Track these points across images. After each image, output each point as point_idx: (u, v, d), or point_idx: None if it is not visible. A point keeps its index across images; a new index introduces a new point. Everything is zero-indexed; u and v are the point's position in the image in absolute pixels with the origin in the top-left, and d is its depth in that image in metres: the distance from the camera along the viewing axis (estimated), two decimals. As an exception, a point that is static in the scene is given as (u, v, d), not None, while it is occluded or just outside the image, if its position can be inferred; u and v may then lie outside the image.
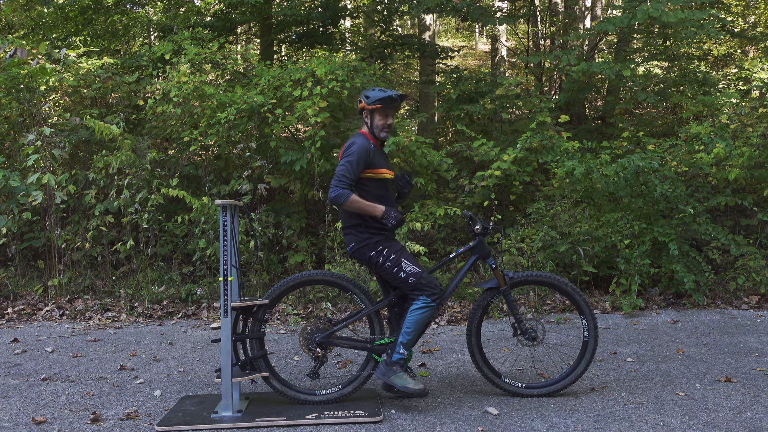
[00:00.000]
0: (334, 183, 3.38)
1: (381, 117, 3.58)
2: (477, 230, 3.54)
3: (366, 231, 3.48)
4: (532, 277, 3.68)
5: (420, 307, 3.40)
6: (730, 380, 3.86)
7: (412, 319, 3.40)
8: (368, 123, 3.59)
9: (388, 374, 3.41)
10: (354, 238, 3.51)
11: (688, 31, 7.52)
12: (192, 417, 3.31)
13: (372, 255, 3.47)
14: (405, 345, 3.43)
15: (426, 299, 3.41)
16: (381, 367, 3.45)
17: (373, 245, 3.47)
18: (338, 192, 3.36)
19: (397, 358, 3.43)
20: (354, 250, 3.51)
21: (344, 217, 3.55)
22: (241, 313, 3.52)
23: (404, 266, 3.43)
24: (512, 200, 7.05)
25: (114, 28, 10.05)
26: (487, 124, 8.36)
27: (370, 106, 3.55)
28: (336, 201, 3.38)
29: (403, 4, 9.77)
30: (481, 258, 3.64)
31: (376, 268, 3.50)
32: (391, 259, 3.44)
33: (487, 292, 3.64)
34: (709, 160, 6.34)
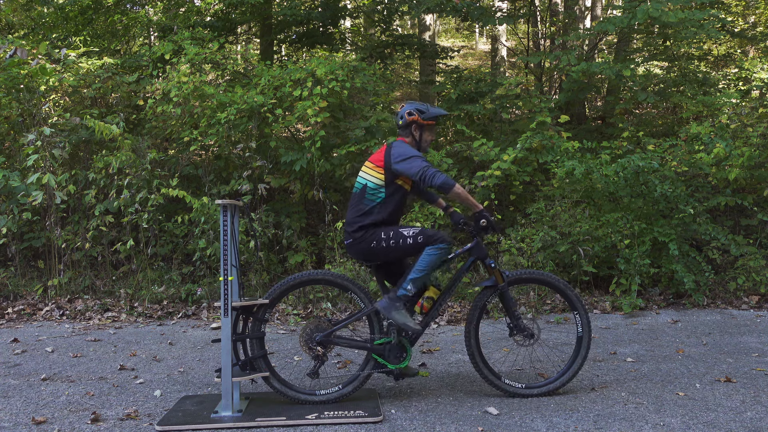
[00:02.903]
0: (431, 172, 3.35)
1: (430, 134, 3.64)
2: (483, 224, 3.50)
3: (368, 230, 3.48)
4: (526, 275, 3.72)
5: (436, 248, 3.40)
6: (730, 380, 3.86)
7: (426, 258, 3.40)
8: (416, 136, 3.60)
9: (390, 309, 3.40)
10: (355, 234, 3.50)
11: (688, 31, 7.52)
12: (192, 417, 3.31)
13: (373, 245, 3.46)
14: (414, 281, 3.42)
15: (441, 245, 3.41)
16: (384, 300, 3.44)
17: (373, 234, 3.47)
18: (444, 177, 3.36)
19: (402, 294, 3.42)
20: (355, 245, 3.51)
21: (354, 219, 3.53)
22: (242, 313, 3.52)
23: (406, 233, 3.44)
24: (512, 200, 7.05)
25: (114, 28, 10.04)
26: (487, 124, 8.36)
27: (425, 122, 3.57)
28: (445, 185, 3.36)
29: (403, 4, 9.76)
30: (480, 259, 3.65)
31: (380, 255, 3.48)
32: (391, 236, 3.44)
33: (485, 291, 3.65)
34: (709, 160, 6.34)
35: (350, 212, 3.58)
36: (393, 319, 3.39)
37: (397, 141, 3.58)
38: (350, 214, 3.57)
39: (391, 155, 3.47)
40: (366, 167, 3.60)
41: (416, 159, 3.42)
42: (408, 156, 3.43)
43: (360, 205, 3.53)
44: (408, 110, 3.59)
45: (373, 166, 3.55)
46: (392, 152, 3.47)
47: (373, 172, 3.54)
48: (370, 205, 3.51)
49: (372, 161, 3.58)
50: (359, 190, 3.57)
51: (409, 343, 3.55)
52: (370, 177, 3.54)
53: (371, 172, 3.55)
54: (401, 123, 3.61)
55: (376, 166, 3.53)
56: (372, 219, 3.50)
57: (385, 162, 3.49)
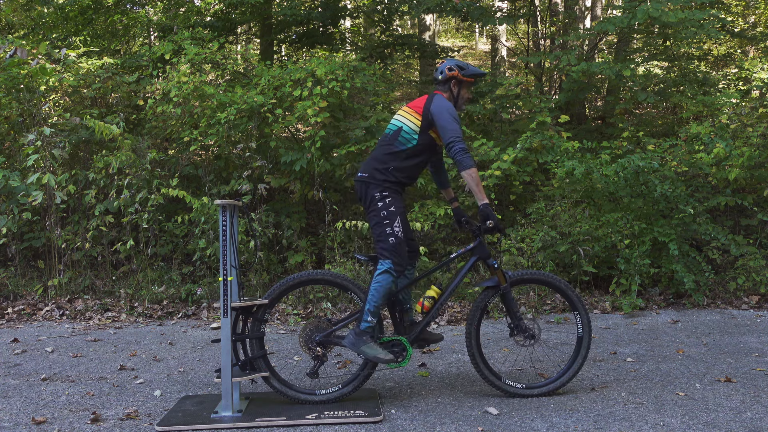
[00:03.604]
0: (462, 146, 3.36)
1: (467, 91, 3.66)
2: (489, 224, 3.47)
3: (388, 179, 3.47)
4: (528, 276, 3.72)
5: (383, 272, 3.39)
6: (730, 380, 3.86)
7: (375, 285, 3.40)
8: (454, 92, 3.61)
9: (358, 344, 3.39)
10: (373, 172, 3.48)
11: (688, 31, 7.52)
12: (192, 417, 3.31)
13: (375, 195, 3.45)
14: (372, 312, 3.41)
15: (389, 265, 3.40)
16: (350, 337, 3.42)
17: (384, 187, 3.45)
18: (468, 155, 3.36)
19: (365, 327, 3.41)
20: (364, 180, 3.49)
21: (380, 156, 3.51)
22: (241, 313, 3.52)
23: (395, 226, 3.42)
24: (512, 200, 7.05)
25: (114, 28, 10.05)
26: (487, 124, 8.36)
27: (465, 78, 3.58)
28: (464, 161, 3.36)
29: (403, 4, 9.76)
30: (482, 259, 3.64)
31: (368, 209, 3.47)
32: (389, 210, 3.42)
33: (487, 291, 3.64)
34: (709, 160, 6.34)
35: (379, 150, 3.54)
36: (363, 353, 3.38)
37: (436, 94, 3.57)
38: (380, 152, 3.53)
39: (432, 104, 3.47)
40: (402, 111, 3.60)
41: (454, 123, 3.42)
42: (448, 114, 3.43)
43: (392, 146, 3.51)
44: (448, 65, 3.60)
45: (411, 111, 3.55)
46: (433, 102, 3.48)
47: (410, 116, 3.53)
48: (402, 147, 3.50)
49: (410, 107, 3.58)
50: (392, 132, 3.55)
51: (409, 341, 3.55)
52: (406, 120, 3.53)
53: (408, 116, 3.54)
54: (440, 78, 3.61)
55: (414, 111, 3.53)
56: (400, 163, 3.48)
57: (425, 109, 3.49)
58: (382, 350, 3.39)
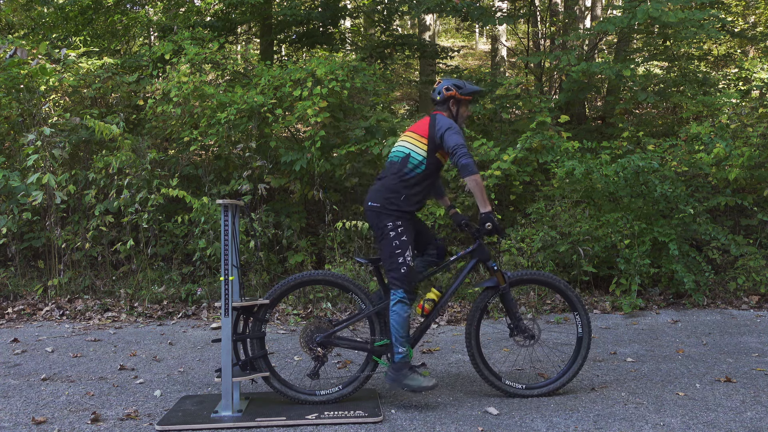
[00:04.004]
0: (465, 151, 3.39)
1: (466, 109, 3.70)
2: (488, 227, 3.48)
3: (401, 209, 3.49)
4: (527, 276, 3.73)
5: (398, 303, 3.43)
6: (730, 380, 3.86)
7: (395, 319, 3.43)
8: (453, 111, 3.65)
9: (401, 380, 3.43)
10: (385, 202, 3.50)
11: (688, 31, 7.52)
12: (192, 417, 3.31)
13: (388, 225, 3.46)
14: (401, 343, 3.45)
15: (402, 294, 3.43)
16: (390, 374, 3.46)
17: (396, 217, 3.47)
18: (471, 162, 3.39)
19: (400, 359, 3.44)
20: (376, 210, 3.50)
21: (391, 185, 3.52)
22: (242, 312, 3.52)
23: (407, 255, 3.45)
24: (512, 200, 7.05)
25: (114, 28, 10.05)
26: (487, 124, 8.36)
27: (463, 97, 3.62)
28: (467, 168, 3.38)
29: (403, 4, 9.76)
30: (482, 261, 3.65)
31: (381, 238, 3.49)
32: (401, 240, 3.45)
33: (486, 291, 3.65)
34: (709, 160, 6.34)
35: (390, 179, 3.55)
36: (407, 387, 3.42)
37: (438, 114, 3.60)
38: (390, 181, 3.54)
39: (436, 125, 3.51)
40: (407, 137, 3.61)
41: (458, 134, 3.46)
42: (451, 128, 3.47)
43: (402, 174, 3.53)
44: (446, 86, 3.63)
45: (415, 135, 3.57)
46: (437, 122, 3.52)
47: (416, 142, 3.56)
48: (412, 174, 3.52)
49: (415, 131, 3.59)
50: (400, 159, 3.56)
51: (410, 344, 3.55)
52: (413, 146, 3.56)
53: (414, 141, 3.56)
54: (439, 98, 3.65)
55: (419, 135, 3.55)
56: (411, 190, 3.51)
57: (429, 133, 3.51)
58: (423, 378, 3.44)
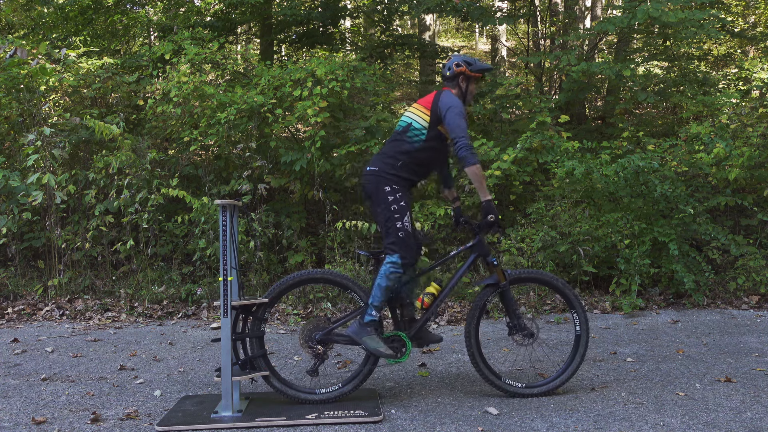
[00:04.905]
0: (465, 142, 3.42)
1: (475, 86, 3.72)
2: (491, 219, 3.50)
3: (398, 174, 3.50)
4: (526, 275, 3.75)
5: (390, 266, 3.42)
6: (730, 380, 3.86)
7: (381, 280, 3.43)
8: (462, 88, 3.66)
9: (361, 334, 3.43)
10: (383, 166, 3.52)
11: (688, 31, 7.52)
12: (192, 417, 3.31)
13: (386, 189, 3.47)
14: (376, 307, 3.45)
15: (397, 259, 3.42)
16: (353, 326, 3.47)
17: (394, 182, 3.49)
18: (472, 153, 3.41)
19: (369, 320, 3.45)
20: (374, 173, 3.52)
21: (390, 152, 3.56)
22: (241, 312, 3.52)
23: (405, 220, 3.46)
24: (512, 200, 7.05)
25: (114, 28, 10.04)
26: (487, 124, 8.36)
27: (473, 73, 3.64)
28: (467, 159, 3.42)
29: (403, 4, 9.76)
30: (481, 256, 3.65)
31: (378, 204, 3.50)
32: (399, 205, 3.45)
33: (486, 289, 3.65)
34: (709, 160, 6.34)
35: (389, 146, 3.60)
36: (364, 345, 3.42)
37: (445, 90, 3.63)
38: (390, 147, 3.59)
39: (440, 101, 3.53)
40: (412, 108, 3.66)
41: (460, 119, 3.47)
42: (455, 111, 3.48)
43: (401, 142, 3.57)
44: (456, 62, 3.65)
45: (420, 107, 3.61)
46: (441, 99, 3.54)
47: (419, 113, 3.59)
48: (411, 142, 3.55)
49: (420, 103, 3.64)
50: (402, 128, 3.61)
51: (408, 337, 3.55)
52: (416, 117, 3.59)
53: (418, 112, 3.60)
54: (448, 74, 3.67)
55: (423, 107, 3.59)
56: (410, 158, 3.53)
57: (433, 104, 3.55)
58: (383, 344, 3.43)
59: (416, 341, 3.64)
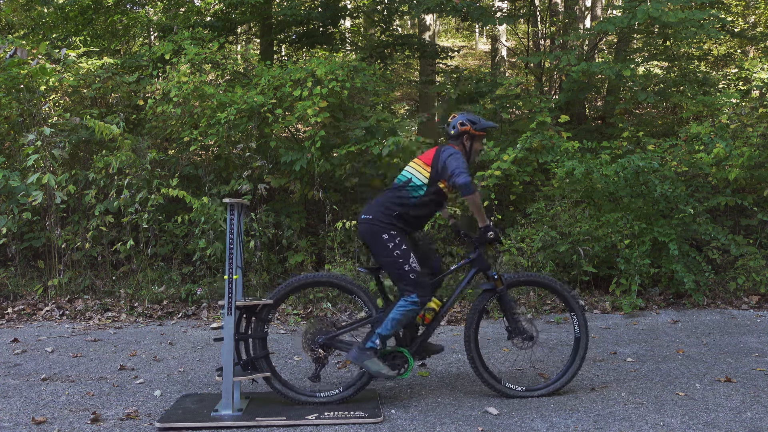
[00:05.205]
0: (462, 171, 3.44)
1: (479, 144, 3.79)
2: (491, 236, 3.58)
3: (393, 223, 3.52)
4: (524, 278, 3.80)
5: (409, 303, 3.43)
6: (730, 380, 3.86)
7: (397, 315, 3.43)
8: (467, 146, 3.72)
9: (362, 358, 3.44)
10: (378, 215, 3.54)
11: (688, 31, 7.52)
12: (192, 415, 3.32)
13: (384, 237, 3.49)
14: (382, 337, 3.45)
15: (415, 298, 3.43)
16: (354, 351, 3.47)
17: (390, 229, 3.50)
18: (469, 180, 3.45)
19: (371, 347, 3.45)
20: (369, 222, 3.53)
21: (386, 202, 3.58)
22: (245, 312, 3.52)
23: (411, 261, 3.48)
24: (512, 200, 7.05)
25: (114, 28, 10.04)
26: (487, 124, 8.34)
27: (477, 132, 3.70)
28: (466, 187, 3.43)
29: (403, 4, 9.76)
30: (481, 271, 3.68)
31: (379, 252, 3.51)
32: (402, 250, 3.47)
33: (484, 294, 3.68)
34: (709, 160, 6.34)
35: (386, 196, 3.62)
36: (366, 368, 3.44)
37: (448, 145, 3.68)
38: (386, 198, 3.61)
39: (441, 153, 3.58)
40: (412, 163, 3.70)
41: (461, 162, 3.52)
42: (454, 155, 3.54)
43: (399, 195, 3.59)
44: (461, 120, 3.70)
45: (420, 163, 3.64)
46: (443, 152, 3.59)
47: (420, 169, 3.62)
48: (409, 196, 3.57)
49: (420, 159, 3.68)
50: (401, 182, 3.64)
51: (410, 353, 3.56)
52: (415, 172, 3.62)
53: (418, 168, 3.63)
54: (453, 133, 3.72)
55: (424, 164, 3.62)
56: (405, 211, 3.54)
57: (434, 161, 3.58)
58: (384, 366, 3.44)
59: (418, 355, 3.65)
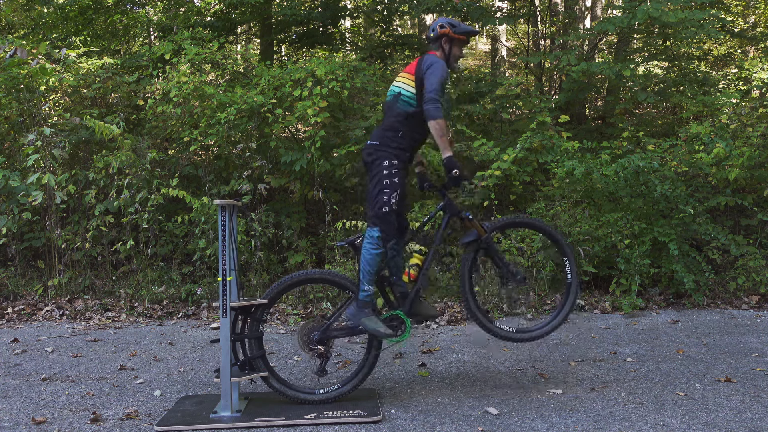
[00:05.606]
0: (433, 96, 3.38)
1: (459, 49, 3.70)
2: (455, 173, 3.40)
3: (400, 146, 3.50)
4: (508, 221, 3.72)
5: (371, 243, 3.42)
6: (730, 380, 3.86)
7: (365, 256, 3.44)
8: (446, 50, 3.65)
9: (359, 316, 3.43)
10: (385, 140, 3.51)
11: (688, 31, 7.51)
12: (191, 417, 3.31)
13: (384, 164, 3.46)
14: (367, 281, 3.44)
15: (377, 233, 3.42)
16: (351, 309, 3.47)
17: (393, 156, 3.48)
18: (436, 108, 3.37)
19: (364, 296, 3.45)
20: (375, 147, 3.52)
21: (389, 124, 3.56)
22: (240, 313, 3.52)
23: (393, 196, 3.44)
24: (512, 200, 7.04)
25: (114, 28, 10.04)
26: (487, 124, 8.35)
27: (456, 35, 3.62)
28: (430, 113, 3.37)
29: (403, 4, 9.76)
30: (454, 215, 3.61)
31: (373, 176, 3.49)
32: (392, 181, 3.44)
33: (469, 248, 3.61)
34: (709, 160, 6.33)
35: (388, 119, 3.59)
36: (363, 326, 3.42)
37: (429, 54, 3.63)
38: (388, 120, 3.59)
39: (423, 63, 3.53)
40: (400, 77, 3.66)
41: (437, 74, 3.44)
42: (435, 68, 3.47)
43: (396, 111, 3.56)
44: (440, 23, 3.64)
45: (406, 75, 3.61)
46: (424, 61, 3.54)
47: (406, 81, 3.60)
48: (404, 109, 3.55)
49: (405, 71, 3.64)
50: (392, 97, 3.61)
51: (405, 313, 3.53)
52: (403, 85, 3.60)
53: (403, 80, 3.61)
54: (432, 35, 3.67)
55: (408, 74, 3.59)
56: (407, 126, 3.52)
57: (417, 70, 3.54)
58: (382, 324, 3.43)
59: (414, 317, 3.59)
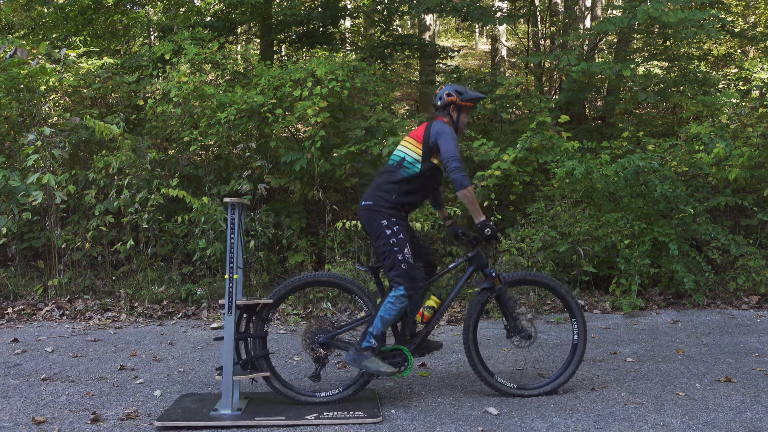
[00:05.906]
0: (457, 165, 3.41)
1: (466, 115, 3.72)
2: (488, 233, 3.50)
3: (393, 206, 3.50)
4: (523, 277, 3.73)
5: (395, 299, 3.41)
6: (730, 380, 3.86)
7: (384, 313, 3.41)
8: (454, 117, 3.67)
9: (359, 360, 3.42)
10: (377, 200, 3.52)
11: (688, 31, 7.52)
12: (191, 414, 3.31)
13: (383, 223, 3.47)
14: (376, 336, 3.43)
15: (402, 291, 3.42)
16: (351, 354, 3.45)
17: (389, 214, 3.49)
18: (463, 176, 3.41)
19: (367, 346, 3.43)
20: (369, 208, 3.52)
21: (384, 185, 3.55)
22: (245, 311, 3.52)
23: (405, 251, 3.45)
24: (512, 200, 7.05)
25: (114, 28, 10.04)
26: (487, 124, 8.36)
27: (464, 103, 3.63)
28: (460, 182, 3.40)
29: (403, 4, 9.76)
30: (479, 269, 3.66)
31: (376, 238, 3.49)
32: (398, 238, 3.45)
33: (483, 292, 3.65)
34: (709, 160, 6.34)
35: (383, 179, 3.59)
36: (365, 368, 3.41)
37: (437, 120, 3.63)
38: (383, 180, 3.58)
39: (431, 130, 3.53)
40: (404, 142, 3.66)
41: (452, 143, 3.46)
42: (447, 137, 3.49)
43: (395, 175, 3.56)
44: (447, 91, 3.65)
45: (412, 141, 3.61)
46: (432, 128, 3.54)
47: (412, 146, 3.59)
48: (405, 175, 3.55)
49: (411, 136, 3.64)
50: (396, 162, 3.60)
51: (410, 351, 3.55)
52: (408, 150, 3.60)
53: (409, 146, 3.61)
54: (439, 104, 3.68)
55: (415, 140, 3.59)
56: (403, 190, 3.53)
57: (425, 137, 3.55)
58: (383, 363, 3.42)
59: (417, 352, 3.63)
